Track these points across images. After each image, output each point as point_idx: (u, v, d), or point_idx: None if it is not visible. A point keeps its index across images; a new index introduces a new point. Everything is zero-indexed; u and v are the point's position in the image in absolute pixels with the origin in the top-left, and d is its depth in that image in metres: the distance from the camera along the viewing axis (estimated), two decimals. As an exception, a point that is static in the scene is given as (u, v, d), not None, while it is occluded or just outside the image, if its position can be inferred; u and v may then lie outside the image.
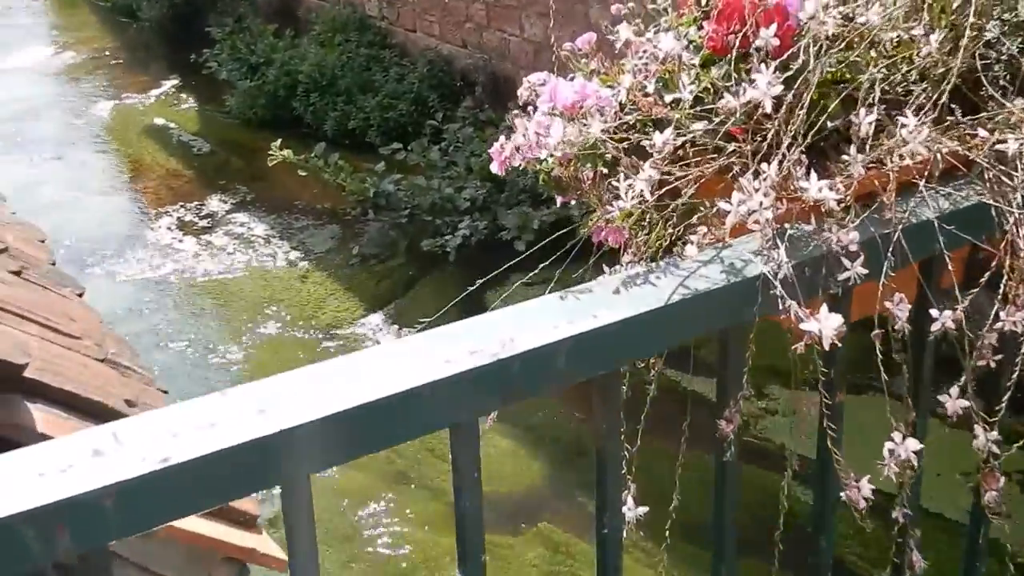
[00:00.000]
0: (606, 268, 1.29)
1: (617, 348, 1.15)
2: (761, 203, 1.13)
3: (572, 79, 1.38)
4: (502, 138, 1.43)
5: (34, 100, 11.30)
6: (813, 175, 1.18)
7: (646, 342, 1.20)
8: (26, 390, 1.28)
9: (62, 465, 0.88)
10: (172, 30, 12.85)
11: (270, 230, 7.64)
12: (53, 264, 2.17)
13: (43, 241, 2.28)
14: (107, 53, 13.14)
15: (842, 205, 1.20)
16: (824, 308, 1.13)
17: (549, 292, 1.18)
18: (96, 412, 1.36)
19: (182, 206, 8.14)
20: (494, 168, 1.49)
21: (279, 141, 6.64)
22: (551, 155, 1.30)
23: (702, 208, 1.26)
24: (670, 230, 1.28)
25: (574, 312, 1.12)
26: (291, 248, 7.36)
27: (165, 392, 1.70)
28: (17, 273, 1.75)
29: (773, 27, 1.24)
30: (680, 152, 1.30)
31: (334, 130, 8.88)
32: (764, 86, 1.17)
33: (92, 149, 9.75)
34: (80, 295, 2.06)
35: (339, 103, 8.97)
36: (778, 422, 4.99)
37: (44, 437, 1.22)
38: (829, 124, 1.25)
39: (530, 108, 1.50)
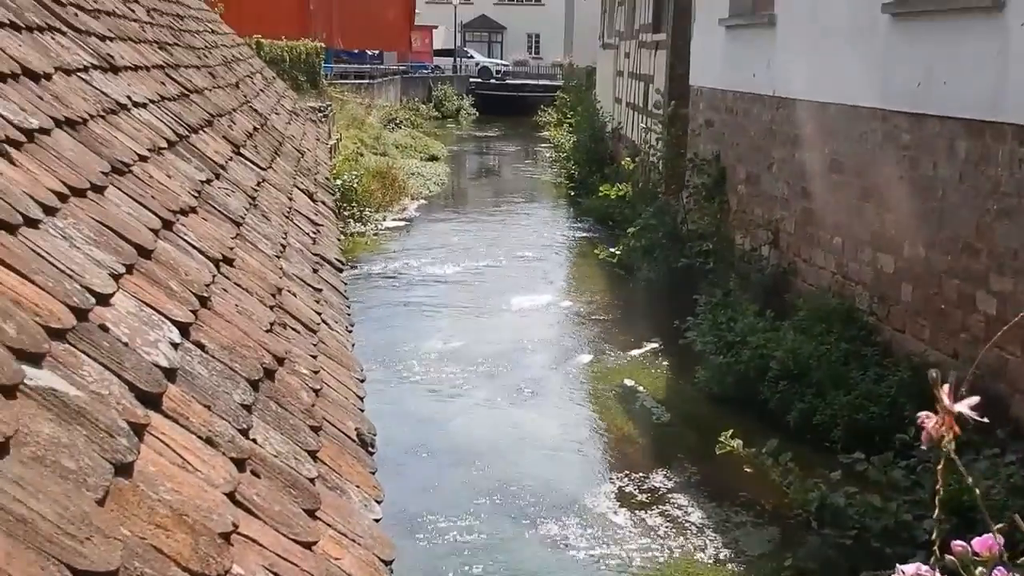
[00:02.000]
0: None
1: None
2: None
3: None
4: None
5: (525, 341, 12.06)
6: None
7: None
8: None
9: None
10: (665, 293, 13.31)
11: (706, 519, 7.27)
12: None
13: None
14: (601, 306, 13.84)
15: None
16: None
17: None
18: None
19: (627, 475, 8.04)
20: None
21: (730, 431, 6.35)
22: None
23: None
24: None
25: None
26: (723, 544, 6.92)
27: None
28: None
29: None
30: None
31: (797, 421, 8.44)
32: None
33: (562, 399, 10.10)
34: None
35: (808, 395, 8.56)
36: None
37: None
38: None
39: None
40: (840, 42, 10.02)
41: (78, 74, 3.40)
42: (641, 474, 8.04)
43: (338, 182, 15.60)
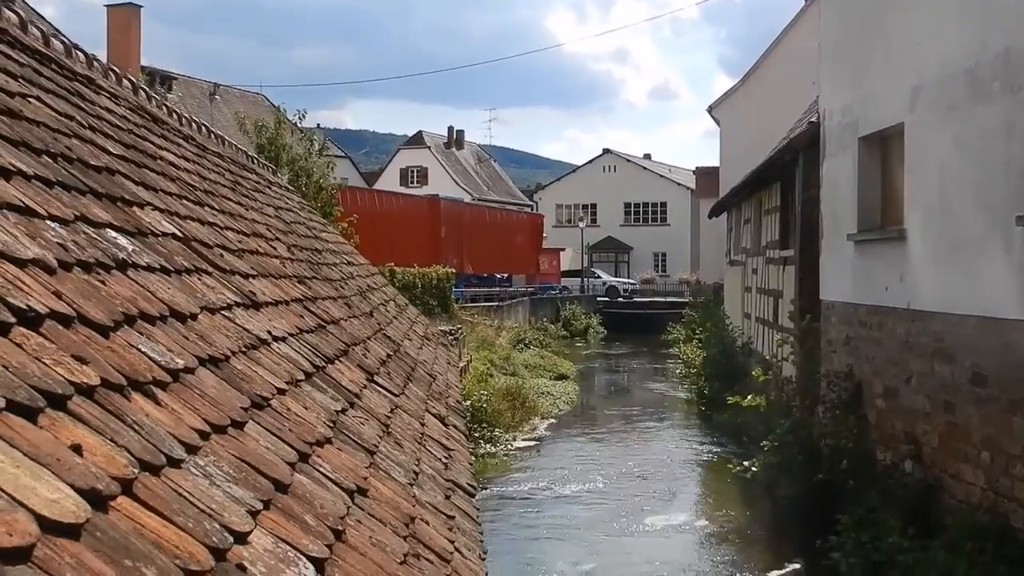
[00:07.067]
0: None
1: None
2: None
3: None
4: None
5: (660, 564, 11.68)
6: None
7: None
8: None
9: None
10: (806, 510, 12.76)
11: None
12: None
13: None
14: (738, 526, 13.37)
15: None
16: None
17: None
18: None
19: None
20: None
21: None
22: None
23: None
24: None
25: None
26: None
27: None
28: None
29: None
30: None
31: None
32: None
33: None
34: None
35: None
36: None
37: None
38: None
39: None
40: (975, 254, 9.86)
41: (222, 312, 3.60)
42: None
43: (468, 403, 15.79)
